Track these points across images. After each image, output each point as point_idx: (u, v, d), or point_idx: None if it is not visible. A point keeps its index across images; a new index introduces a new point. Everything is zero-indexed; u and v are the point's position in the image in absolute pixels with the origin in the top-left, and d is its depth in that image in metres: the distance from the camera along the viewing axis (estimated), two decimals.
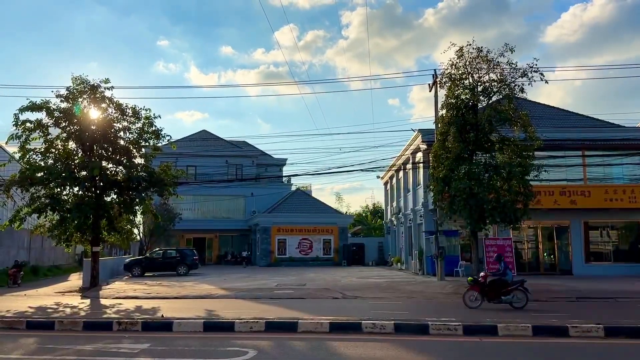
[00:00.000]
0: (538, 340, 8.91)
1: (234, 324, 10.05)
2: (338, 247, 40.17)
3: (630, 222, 25.86)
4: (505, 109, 18.10)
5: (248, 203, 44.13)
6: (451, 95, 18.87)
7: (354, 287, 19.37)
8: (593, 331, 9.21)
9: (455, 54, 18.69)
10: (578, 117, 27.95)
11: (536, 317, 10.98)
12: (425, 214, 26.43)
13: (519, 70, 17.92)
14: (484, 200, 17.30)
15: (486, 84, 18.54)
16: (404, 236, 33.90)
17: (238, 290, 18.00)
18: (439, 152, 18.98)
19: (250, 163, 45.23)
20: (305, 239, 40.15)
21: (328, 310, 12.27)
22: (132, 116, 19.91)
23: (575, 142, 24.89)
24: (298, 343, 8.75)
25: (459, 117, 18.65)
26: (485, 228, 19.36)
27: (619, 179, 25.49)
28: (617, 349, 8.30)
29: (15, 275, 21.32)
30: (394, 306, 13.45)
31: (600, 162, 25.30)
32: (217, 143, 44.76)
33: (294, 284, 20.51)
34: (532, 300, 15.22)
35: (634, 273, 24.23)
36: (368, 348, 8.24)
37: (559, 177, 24.49)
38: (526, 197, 17.87)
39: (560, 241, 26.46)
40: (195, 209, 43.99)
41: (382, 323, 9.76)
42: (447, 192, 18.37)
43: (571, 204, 24.48)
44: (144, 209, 20.86)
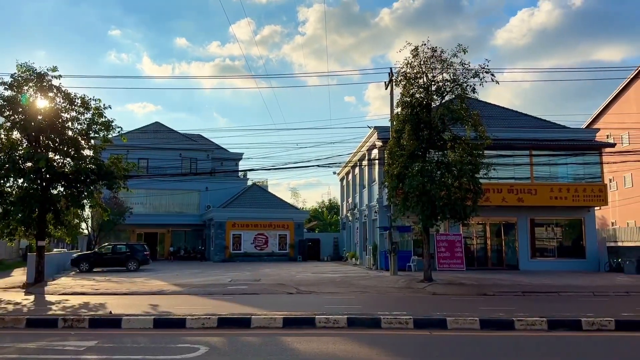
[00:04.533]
0: (485, 334, 9.21)
1: (186, 320, 9.88)
2: (294, 242, 40.18)
3: (574, 220, 27.08)
4: (458, 108, 18.56)
5: (202, 197, 43.44)
6: (406, 93, 19.18)
7: (309, 282, 19.43)
8: (537, 324, 9.59)
9: (411, 53, 19.01)
10: (526, 118, 29.00)
11: (484, 310, 11.34)
12: (380, 210, 26.81)
13: (471, 71, 18.43)
14: (436, 197, 17.72)
15: (440, 84, 18.96)
16: (359, 232, 34.27)
17: (191, 286, 17.71)
18: (394, 149, 19.27)
19: (205, 157, 44.50)
20: (260, 234, 39.95)
21: (282, 306, 12.26)
22: (81, 106, 19.21)
23: (523, 142, 25.84)
24: (251, 339, 8.70)
25: (414, 116, 19.00)
26: (436, 224, 19.83)
27: (564, 178, 26.63)
28: (559, 341, 8.68)
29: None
30: (348, 301, 13.58)
31: (546, 162, 26.37)
32: (171, 136, 43.81)
33: (249, 280, 20.38)
34: (481, 294, 15.76)
35: (576, 268, 25.43)
36: (321, 343, 8.29)
37: (507, 176, 25.39)
38: (475, 194, 18.42)
39: (507, 237, 27.43)
40: (147, 203, 42.92)
41: (336, 317, 9.85)
42: (401, 189, 18.70)
43: (518, 202, 25.41)
44: (92, 203, 20.21)
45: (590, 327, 9.46)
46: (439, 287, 17.20)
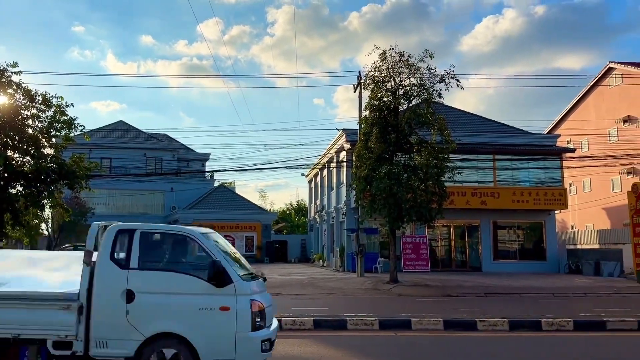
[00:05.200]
0: (449, 334, 9.38)
1: None
2: (261, 244, 39.95)
3: (535, 223, 27.83)
4: (424, 112, 18.83)
5: (168, 198, 42.69)
6: (374, 97, 19.36)
7: (276, 284, 19.35)
8: (499, 325, 9.83)
9: (379, 57, 19.20)
10: (490, 123, 29.67)
11: (448, 311, 11.54)
12: (348, 212, 26.94)
13: (437, 76, 18.75)
14: (403, 199, 17.92)
15: (407, 88, 19.20)
16: (327, 233, 34.35)
17: None
18: (362, 152, 19.41)
19: (171, 157, 43.74)
20: (227, 236, 39.00)
21: None
22: (42, 104, 18.57)
23: (486, 147, 26.40)
24: None
25: (382, 119, 19.19)
26: (403, 226, 20.07)
27: (526, 182, 27.35)
28: (519, 341, 8.91)
29: None
30: (314, 302, 13.59)
31: (509, 166, 27.02)
32: (135, 135, 42.92)
33: None
34: (445, 295, 16.03)
35: (537, 270, 26.12)
36: (287, 345, 8.27)
37: (471, 179, 25.90)
38: (441, 197, 18.72)
39: (471, 239, 27.97)
40: (110, 204, 41.92)
41: (302, 319, 9.85)
42: (368, 191, 18.84)
43: (482, 205, 25.95)
44: (52, 203, 19.59)
45: (550, 328, 9.75)
46: (404, 289, 17.40)
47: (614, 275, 23.12)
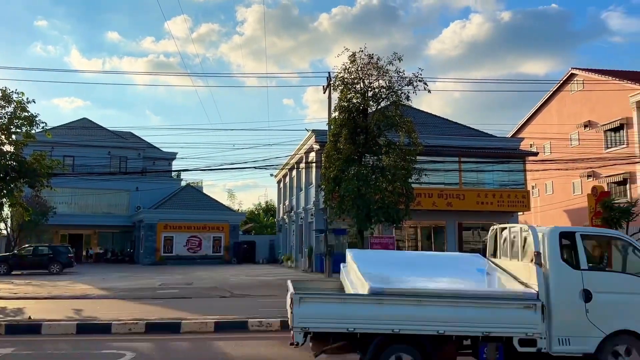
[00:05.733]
0: None
1: (111, 326, 9.49)
2: (229, 244, 39.58)
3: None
4: (393, 114, 19.00)
5: (132, 198, 41.83)
6: (344, 98, 19.43)
7: (244, 285, 19.22)
8: None
9: (348, 59, 19.28)
10: (456, 126, 30.20)
11: None
12: (316, 212, 26.96)
13: (405, 79, 18.94)
14: (371, 200, 18.05)
15: (376, 90, 19.35)
16: (295, 234, 34.30)
17: (118, 290, 17.02)
18: (331, 152, 19.46)
19: (136, 155, 42.84)
20: (194, 237, 39.03)
21: (215, 310, 12.04)
22: (1, 99, 17.96)
23: (452, 149, 26.88)
24: (181, 344, 8.48)
25: (351, 120, 19.28)
26: (371, 227, 20.20)
27: (490, 184, 27.95)
28: None
29: None
30: (282, 304, 13.44)
31: (474, 168, 27.57)
32: (100, 133, 41.97)
33: (180, 283, 19.87)
34: None
35: None
36: (253, 347, 8.21)
37: (438, 181, 26.30)
38: (408, 198, 18.93)
39: (437, 240, 28.40)
40: (72, 203, 40.84)
41: (269, 321, 9.80)
42: (337, 192, 18.90)
43: (447, 206, 26.39)
44: (12, 202, 18.94)
45: None
46: None
47: None
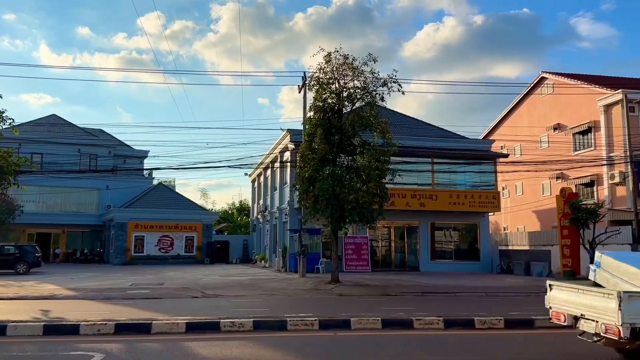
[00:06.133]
0: (387, 333, 9.54)
1: (79, 327, 9.27)
2: (201, 244, 39.16)
3: (470, 224, 28.90)
4: (367, 115, 19.11)
5: (103, 196, 40.96)
6: (319, 98, 19.46)
7: (216, 285, 19.04)
8: (434, 323, 10.11)
9: (324, 59, 19.32)
10: (429, 128, 30.53)
11: (386, 310, 11.75)
12: (291, 212, 26.90)
13: (380, 80, 19.08)
14: (345, 200, 18.12)
15: (351, 90, 19.43)
16: (269, 234, 34.15)
17: (87, 291, 16.66)
18: (306, 152, 19.45)
19: (107, 153, 41.98)
20: (166, 236, 38.47)
21: (186, 310, 11.89)
22: None
23: (426, 150, 27.19)
24: (151, 345, 8.35)
25: (326, 120, 19.32)
26: (345, 227, 20.27)
27: (462, 185, 28.35)
28: (453, 339, 9.20)
29: None
30: (255, 304, 13.46)
31: (446, 169, 27.93)
32: (69, 130, 40.97)
33: (151, 283, 19.56)
34: (384, 295, 16.33)
35: (471, 270, 27.13)
36: (225, 347, 8.14)
37: (411, 181, 26.56)
38: (382, 198, 19.07)
39: (410, 240, 28.68)
40: (40, 201, 39.79)
41: (241, 321, 9.72)
42: (311, 192, 18.91)
43: (420, 206, 26.66)
44: None
45: (483, 326, 10.13)
46: (345, 289, 17.56)
47: (542, 275, 24.36)
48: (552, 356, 7.86)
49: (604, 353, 7.51)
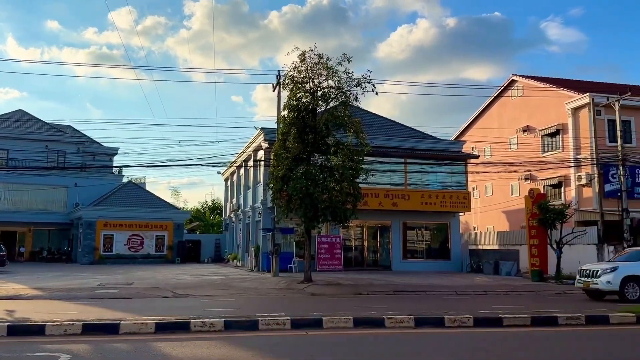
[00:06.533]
0: (358, 332, 9.58)
1: (45, 327, 9.03)
2: (172, 243, 38.65)
3: (441, 224, 29.29)
4: (341, 115, 19.17)
5: (71, 194, 40.04)
6: (293, 97, 19.42)
7: (187, 285, 18.82)
8: (405, 322, 10.19)
9: (298, 58, 19.29)
10: (403, 128, 30.81)
11: (358, 309, 11.80)
12: (264, 211, 26.78)
13: (354, 80, 19.17)
14: (319, 199, 18.14)
15: (325, 90, 19.46)
16: (242, 233, 33.94)
17: (53, 290, 16.25)
18: (280, 151, 19.40)
19: (75, 150, 41.04)
20: (135, 235, 37.83)
21: (156, 310, 11.72)
22: None
23: (399, 150, 27.44)
24: (119, 345, 8.19)
25: (300, 119, 19.30)
26: (318, 226, 20.31)
27: (434, 185, 28.71)
28: (423, 337, 9.30)
29: None
30: (226, 303, 13.35)
31: (419, 170, 28.24)
32: (36, 125, 39.92)
33: (120, 283, 19.21)
34: (356, 294, 16.41)
35: (442, 269, 27.49)
36: (195, 347, 8.04)
37: (384, 181, 26.79)
38: (355, 198, 19.15)
39: (382, 239, 28.90)
40: (5, 199, 38.66)
41: (212, 321, 9.62)
42: (285, 191, 18.86)
43: (393, 206, 26.89)
44: None
45: (452, 324, 10.26)
46: (318, 288, 17.58)
47: (511, 274, 24.86)
48: (520, 354, 8.00)
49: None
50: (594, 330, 10.14)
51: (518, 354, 7.98)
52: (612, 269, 14.77)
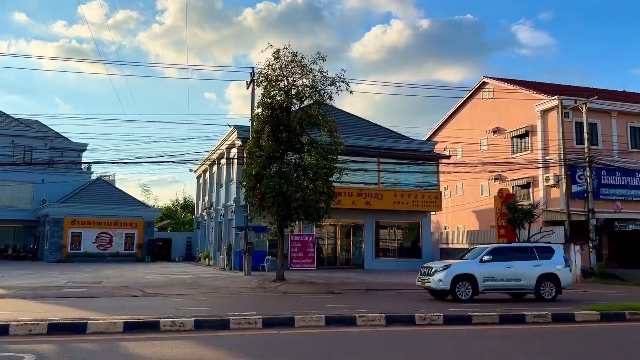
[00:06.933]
0: (330, 330, 9.61)
1: (9, 327, 8.77)
2: (142, 242, 38.05)
3: (413, 223, 29.60)
4: (315, 113, 19.18)
5: (37, 191, 38.99)
6: (267, 95, 19.33)
7: (157, 284, 18.55)
8: (377, 320, 10.26)
9: (273, 56, 19.20)
10: (376, 128, 31.00)
11: (330, 308, 11.83)
12: (237, 209, 26.60)
13: (328, 79, 19.18)
14: (292, 198, 18.11)
15: (299, 88, 19.42)
16: (214, 231, 33.64)
17: (18, 289, 15.81)
18: (253, 149, 19.29)
19: (43, 145, 39.94)
20: (104, 233, 37.10)
21: (125, 309, 11.52)
22: None
23: (372, 150, 27.61)
24: (86, 345, 8.01)
25: (274, 117, 19.23)
26: (291, 225, 20.27)
27: (406, 184, 28.98)
28: (394, 335, 9.38)
29: None
30: (197, 302, 13.21)
31: (391, 169, 28.47)
32: (2, 120, 38.82)
33: (88, 282, 18.82)
34: (329, 292, 16.45)
35: (414, 267, 27.57)
36: (165, 347, 7.93)
37: (358, 180, 26.89)
38: (329, 197, 19.20)
39: (355, 238, 29.04)
40: None
41: (182, 320, 9.50)
42: (258, 189, 18.77)
43: (366, 205, 27.05)
44: None
45: (422, 322, 10.38)
46: (290, 287, 17.56)
47: None
48: (487, 351, 8.14)
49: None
50: (560, 328, 10.39)
51: (486, 351, 8.12)
52: (445, 267, 14.37)
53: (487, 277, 14.26)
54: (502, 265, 14.45)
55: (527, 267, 14.57)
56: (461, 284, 14.10)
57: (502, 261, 14.54)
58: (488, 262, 14.38)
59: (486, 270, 14.27)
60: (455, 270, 14.20)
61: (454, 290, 14.05)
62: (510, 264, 14.52)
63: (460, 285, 14.09)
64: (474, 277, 14.20)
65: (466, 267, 14.46)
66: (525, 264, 14.63)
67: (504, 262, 14.52)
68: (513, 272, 14.45)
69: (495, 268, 14.35)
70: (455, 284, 14.07)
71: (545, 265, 14.71)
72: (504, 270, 14.40)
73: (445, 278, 14.05)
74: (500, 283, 14.47)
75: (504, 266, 14.44)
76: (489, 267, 14.34)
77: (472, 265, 14.47)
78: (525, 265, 14.59)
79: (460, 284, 14.09)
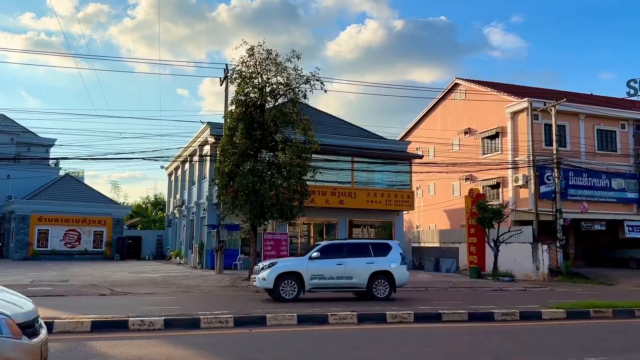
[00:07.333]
0: (302, 328, 9.60)
1: None
2: (111, 239, 37.35)
3: (385, 222, 29.82)
4: (290, 112, 19.13)
5: (3, 187, 37.90)
6: (241, 92, 19.19)
7: (126, 282, 18.22)
8: (348, 318, 10.31)
9: (247, 52, 19.09)
10: (350, 127, 31.12)
11: (302, 307, 11.81)
12: (209, 207, 26.35)
13: (303, 77, 19.16)
14: (265, 196, 18.03)
15: (274, 86, 19.35)
16: (186, 229, 33.24)
17: None
18: (226, 147, 19.12)
19: (9, 140, 38.78)
20: (72, 230, 36.27)
21: (93, 308, 11.27)
22: None
23: (346, 149, 27.70)
24: (53, 344, 7.74)
25: (248, 115, 19.11)
26: (264, 223, 20.18)
27: (379, 184, 29.20)
28: (366, 333, 9.43)
29: None
30: (167, 301, 13.02)
31: (365, 168, 28.63)
32: None
33: (55, 280, 18.37)
34: None
35: None
36: (133, 346, 7.79)
37: (332, 179, 26.95)
38: (302, 195, 19.18)
39: (328, 236, 29.08)
40: None
41: (151, 319, 9.35)
42: (231, 187, 18.63)
43: (340, 204, 27.13)
44: None
45: (394, 320, 10.47)
46: None
47: (450, 271, 25.68)
48: (458, 347, 8.25)
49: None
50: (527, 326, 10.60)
51: (455, 347, 8.23)
52: (270, 265, 13.74)
53: (314, 275, 13.48)
54: (332, 262, 13.67)
55: (359, 265, 13.82)
56: (286, 282, 13.25)
57: (333, 258, 13.77)
58: (317, 260, 13.63)
59: (314, 268, 13.50)
60: (280, 269, 13.42)
61: (277, 289, 13.20)
62: (342, 262, 13.73)
63: (285, 284, 13.23)
64: (301, 275, 13.40)
65: (292, 265, 13.76)
66: (357, 262, 13.85)
67: (335, 260, 13.75)
68: (344, 269, 13.67)
69: (324, 265, 13.59)
70: (279, 282, 13.21)
71: (379, 263, 13.97)
72: (333, 267, 13.63)
73: (269, 276, 13.24)
74: (330, 281, 13.65)
75: (334, 263, 13.66)
76: (318, 264, 13.57)
77: (300, 262, 13.79)
78: (357, 263, 13.83)
79: (285, 282, 13.24)
